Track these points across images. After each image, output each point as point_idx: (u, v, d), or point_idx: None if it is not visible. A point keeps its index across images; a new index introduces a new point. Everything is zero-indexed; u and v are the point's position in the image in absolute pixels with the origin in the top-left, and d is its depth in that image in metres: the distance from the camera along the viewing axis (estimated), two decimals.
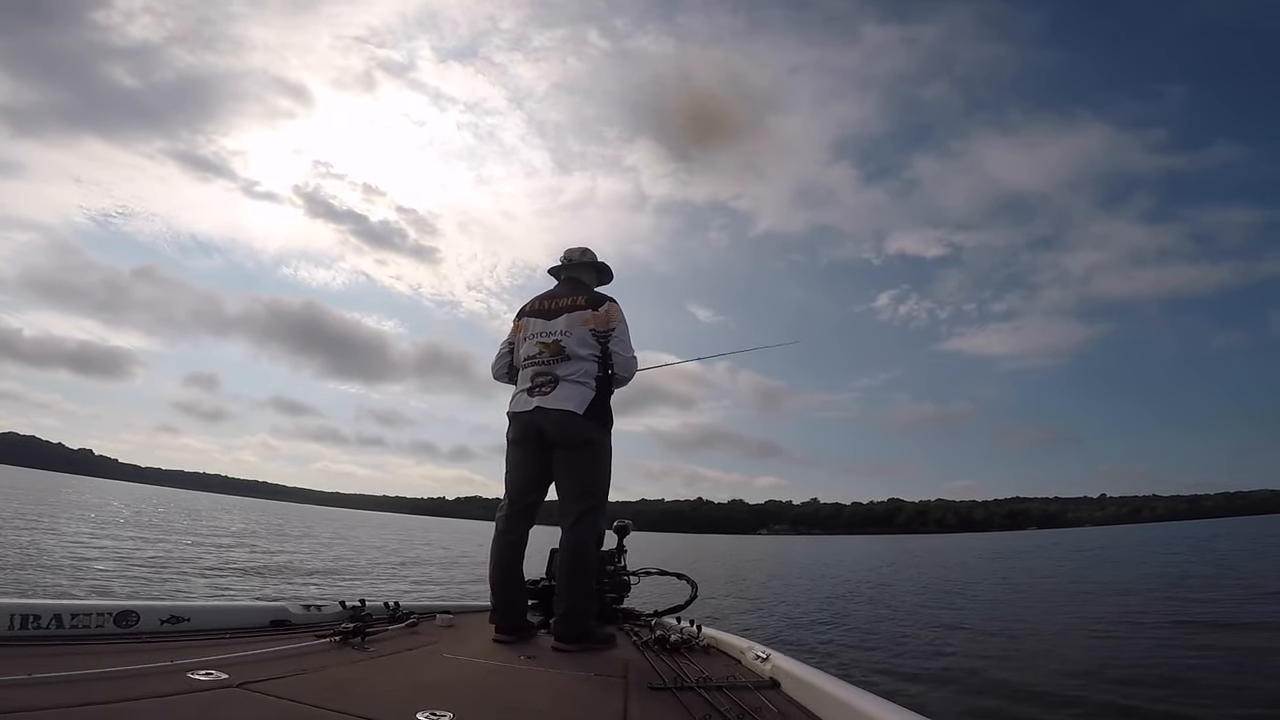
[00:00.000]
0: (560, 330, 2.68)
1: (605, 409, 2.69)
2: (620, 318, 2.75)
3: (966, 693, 4.80)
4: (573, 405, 2.57)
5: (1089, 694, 4.57)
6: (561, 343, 2.66)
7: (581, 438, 2.58)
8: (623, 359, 2.70)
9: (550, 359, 2.65)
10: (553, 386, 2.60)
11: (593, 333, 2.68)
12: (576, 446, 2.58)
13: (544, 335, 2.70)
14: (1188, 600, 9.49)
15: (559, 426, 2.57)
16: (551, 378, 2.62)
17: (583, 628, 2.47)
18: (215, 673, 1.50)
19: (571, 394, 2.59)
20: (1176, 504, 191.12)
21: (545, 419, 2.58)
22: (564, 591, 2.50)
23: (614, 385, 2.74)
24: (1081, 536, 57.16)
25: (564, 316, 2.71)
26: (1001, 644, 6.71)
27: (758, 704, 1.61)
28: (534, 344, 2.71)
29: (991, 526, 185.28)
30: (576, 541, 2.54)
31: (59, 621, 1.78)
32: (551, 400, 2.59)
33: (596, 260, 2.99)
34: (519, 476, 2.68)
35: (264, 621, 2.32)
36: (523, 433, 2.65)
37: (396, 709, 1.40)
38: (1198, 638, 6.41)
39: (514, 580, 2.62)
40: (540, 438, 2.61)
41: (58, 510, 20.14)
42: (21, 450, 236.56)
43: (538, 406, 2.60)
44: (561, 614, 2.47)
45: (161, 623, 2.02)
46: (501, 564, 2.61)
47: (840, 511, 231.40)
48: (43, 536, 11.82)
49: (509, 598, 2.59)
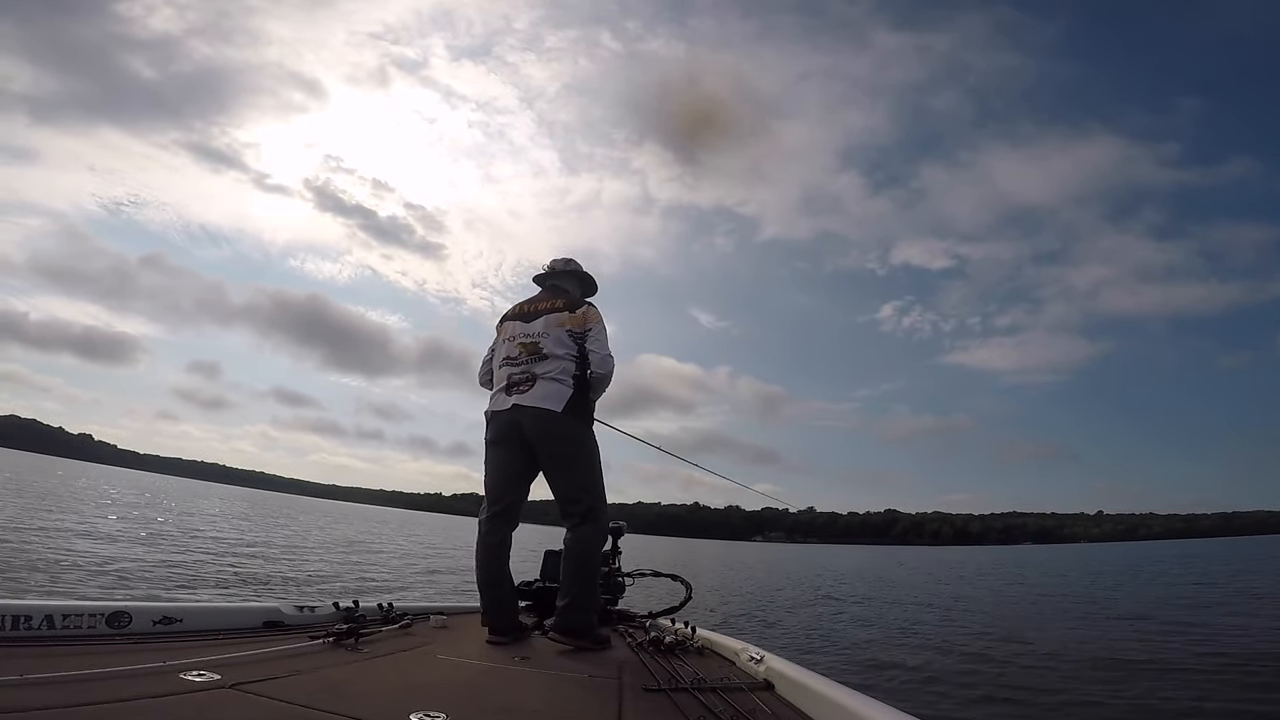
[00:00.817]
0: (538, 331, 2.72)
1: (584, 406, 2.72)
2: (598, 319, 2.78)
3: (959, 695, 4.82)
4: (551, 403, 2.60)
5: (1082, 697, 4.59)
6: (539, 343, 2.69)
7: (561, 435, 2.60)
8: (599, 356, 2.72)
9: (528, 359, 2.68)
10: (530, 385, 2.63)
11: (569, 333, 2.71)
12: (558, 445, 2.60)
13: (522, 336, 2.74)
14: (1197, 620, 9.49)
15: (538, 424, 2.58)
16: (529, 376, 2.65)
17: (583, 623, 2.48)
18: (208, 673, 1.50)
19: (549, 392, 2.61)
20: (1173, 523, 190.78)
21: (523, 416, 2.60)
22: (567, 586, 2.52)
23: (592, 384, 2.74)
24: (1077, 552, 57.35)
25: (542, 319, 2.75)
26: (995, 649, 6.74)
27: (752, 705, 1.61)
28: (513, 345, 2.75)
29: (986, 540, 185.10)
30: (581, 539, 2.56)
31: (50, 622, 1.77)
32: (529, 398, 2.60)
33: (580, 270, 3.04)
34: (498, 477, 2.70)
35: (257, 622, 2.32)
36: (501, 432, 2.67)
37: (390, 710, 1.39)
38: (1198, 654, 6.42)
39: (500, 580, 2.62)
40: (519, 437, 2.62)
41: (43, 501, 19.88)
42: (22, 433, 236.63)
43: (515, 404, 2.62)
44: (563, 605, 2.48)
45: (154, 623, 2.01)
46: (487, 565, 2.61)
47: (836, 520, 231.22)
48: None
49: (497, 597, 2.59)
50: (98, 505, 21.09)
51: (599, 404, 2.84)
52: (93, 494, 28.24)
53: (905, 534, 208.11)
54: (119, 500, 26.08)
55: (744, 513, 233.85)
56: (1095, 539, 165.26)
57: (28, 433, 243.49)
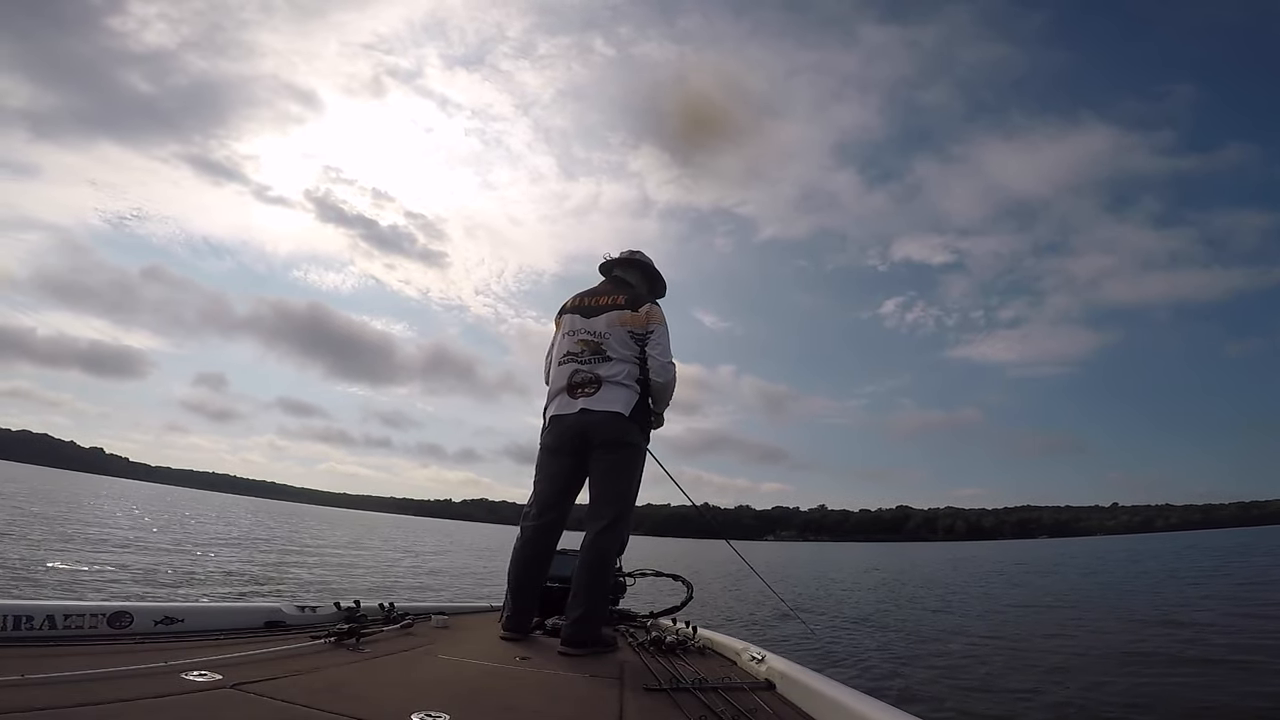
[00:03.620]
0: (600, 331, 2.61)
1: (646, 413, 2.64)
2: (661, 321, 2.66)
3: (961, 695, 4.77)
4: (619, 406, 2.51)
5: (1085, 700, 4.53)
6: (601, 344, 2.59)
7: (622, 440, 2.52)
8: (658, 364, 2.61)
9: (591, 358, 2.58)
10: (596, 387, 2.53)
11: (631, 334, 2.61)
12: (616, 449, 2.52)
13: (584, 333, 2.63)
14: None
15: (604, 428, 2.50)
16: (594, 378, 2.55)
17: (594, 634, 2.44)
18: (209, 673, 1.50)
19: (617, 396, 2.53)
20: (1190, 514, 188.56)
21: (591, 421, 2.51)
22: (582, 597, 2.43)
23: (653, 393, 2.66)
24: (1095, 545, 56.58)
25: (604, 316, 2.63)
26: (998, 649, 6.65)
27: (753, 705, 1.61)
28: (574, 341, 2.64)
29: (1001, 535, 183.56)
30: (601, 547, 2.49)
31: (52, 622, 1.77)
32: (597, 401, 2.52)
33: (644, 260, 2.90)
34: (551, 487, 2.60)
35: (258, 622, 2.31)
36: (564, 438, 2.56)
37: (392, 710, 1.38)
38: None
39: (534, 587, 2.59)
40: (583, 443, 2.53)
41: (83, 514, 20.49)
42: (34, 448, 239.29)
43: (584, 409, 2.52)
44: (576, 618, 2.42)
45: (155, 624, 2.00)
46: (526, 569, 2.56)
47: (848, 518, 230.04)
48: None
49: (525, 602, 2.56)
50: (128, 515, 21.91)
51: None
52: (118, 505, 28.95)
53: (918, 530, 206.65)
54: (144, 509, 26.81)
55: (754, 512, 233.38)
56: (1111, 531, 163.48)
57: (40, 447, 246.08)
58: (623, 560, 3.54)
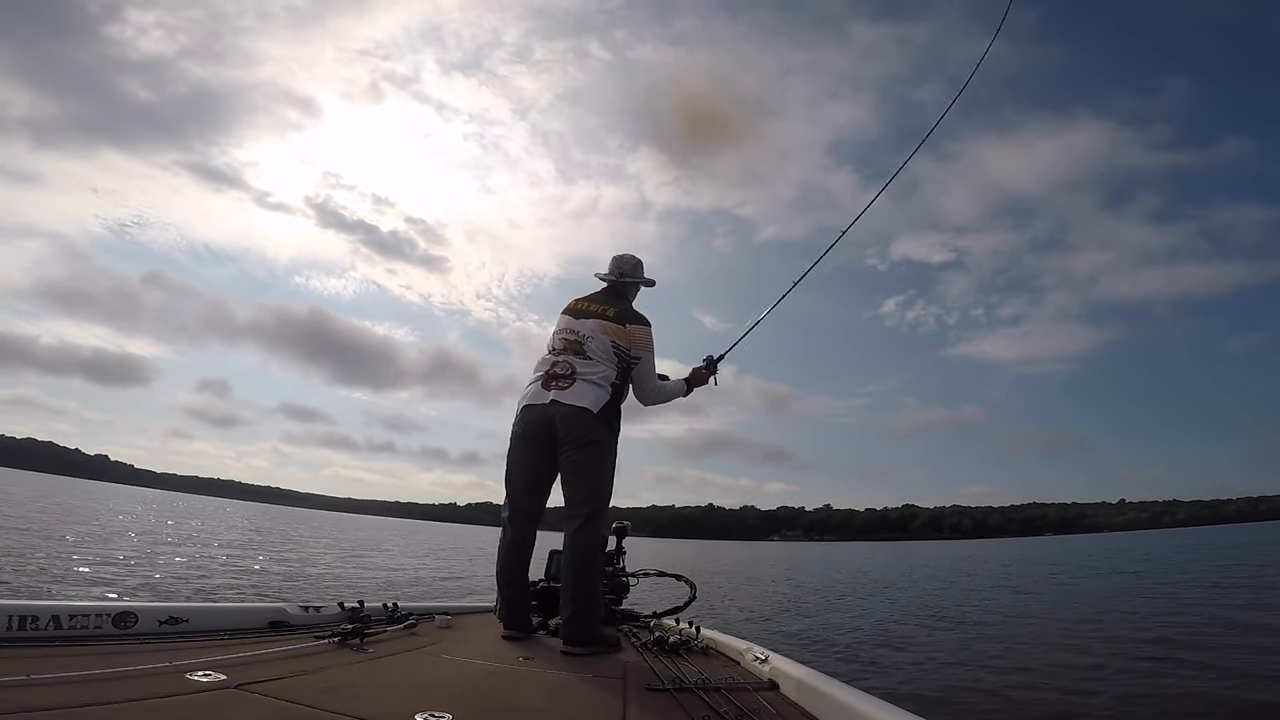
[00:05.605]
0: (584, 333, 2.73)
1: (615, 415, 2.72)
2: (647, 346, 2.77)
3: (966, 696, 4.75)
4: (588, 403, 2.60)
5: (1091, 700, 4.50)
6: (583, 344, 2.70)
7: (588, 438, 2.59)
8: (641, 390, 2.80)
9: (571, 354, 2.69)
10: (570, 383, 2.62)
11: (614, 345, 2.72)
12: (583, 446, 2.59)
13: (569, 332, 2.75)
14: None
15: (570, 423, 2.57)
16: (570, 373, 2.64)
17: (591, 632, 2.47)
18: (214, 674, 1.50)
19: (587, 392, 2.62)
20: (1198, 509, 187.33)
21: (559, 413, 2.59)
22: (570, 596, 2.49)
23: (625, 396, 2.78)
24: (1104, 542, 56.22)
25: (591, 320, 2.75)
26: (1004, 649, 6.61)
27: (756, 705, 1.61)
28: (558, 338, 2.76)
29: (1008, 532, 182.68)
30: (581, 545, 2.54)
31: (57, 623, 1.78)
32: (568, 396, 2.60)
33: (634, 277, 2.99)
34: (523, 477, 2.68)
35: (263, 622, 2.33)
36: (532, 427, 2.64)
37: (395, 710, 1.39)
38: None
39: (520, 579, 2.66)
40: (550, 434, 2.60)
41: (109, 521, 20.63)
42: (39, 456, 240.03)
43: (554, 400, 2.60)
44: (569, 618, 2.47)
45: (160, 624, 2.02)
46: (509, 563, 2.64)
47: (853, 517, 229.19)
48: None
49: (515, 595, 2.63)
50: (133, 519, 22.35)
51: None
52: (122, 509, 29.32)
53: (924, 529, 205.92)
54: (149, 513, 27.06)
55: (759, 512, 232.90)
56: (1119, 528, 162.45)
57: (45, 455, 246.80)
58: (626, 560, 3.55)
